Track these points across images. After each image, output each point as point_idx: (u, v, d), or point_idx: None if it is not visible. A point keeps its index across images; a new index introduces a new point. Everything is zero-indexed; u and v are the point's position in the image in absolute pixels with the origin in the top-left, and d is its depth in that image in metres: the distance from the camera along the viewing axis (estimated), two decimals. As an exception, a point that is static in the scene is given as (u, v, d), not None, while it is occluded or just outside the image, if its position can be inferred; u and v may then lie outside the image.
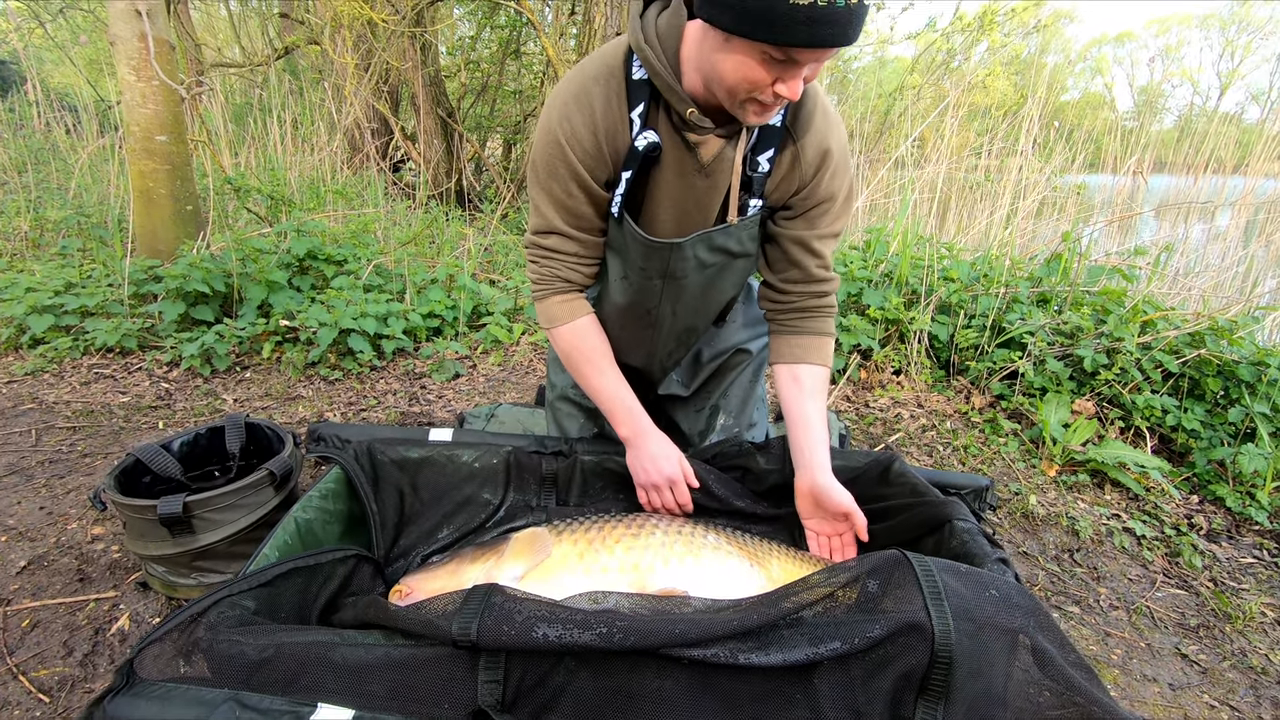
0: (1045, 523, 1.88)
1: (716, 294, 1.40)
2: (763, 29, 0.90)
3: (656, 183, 1.22)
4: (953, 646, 0.91)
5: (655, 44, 1.09)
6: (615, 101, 1.15)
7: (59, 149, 5.97)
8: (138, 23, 2.98)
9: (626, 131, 1.16)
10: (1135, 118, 14.49)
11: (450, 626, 0.88)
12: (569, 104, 1.16)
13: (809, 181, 1.22)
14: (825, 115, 1.19)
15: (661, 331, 1.42)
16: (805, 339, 1.34)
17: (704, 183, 1.20)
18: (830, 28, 0.89)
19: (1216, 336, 2.34)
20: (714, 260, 1.29)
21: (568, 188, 1.21)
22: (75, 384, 2.46)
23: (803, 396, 1.32)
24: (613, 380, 1.37)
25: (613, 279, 1.36)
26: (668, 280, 1.30)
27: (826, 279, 1.33)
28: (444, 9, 7.86)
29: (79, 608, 1.38)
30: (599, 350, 1.37)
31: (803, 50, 0.92)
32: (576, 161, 1.18)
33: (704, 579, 1.19)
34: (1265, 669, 1.39)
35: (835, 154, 1.20)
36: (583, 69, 1.18)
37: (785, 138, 1.18)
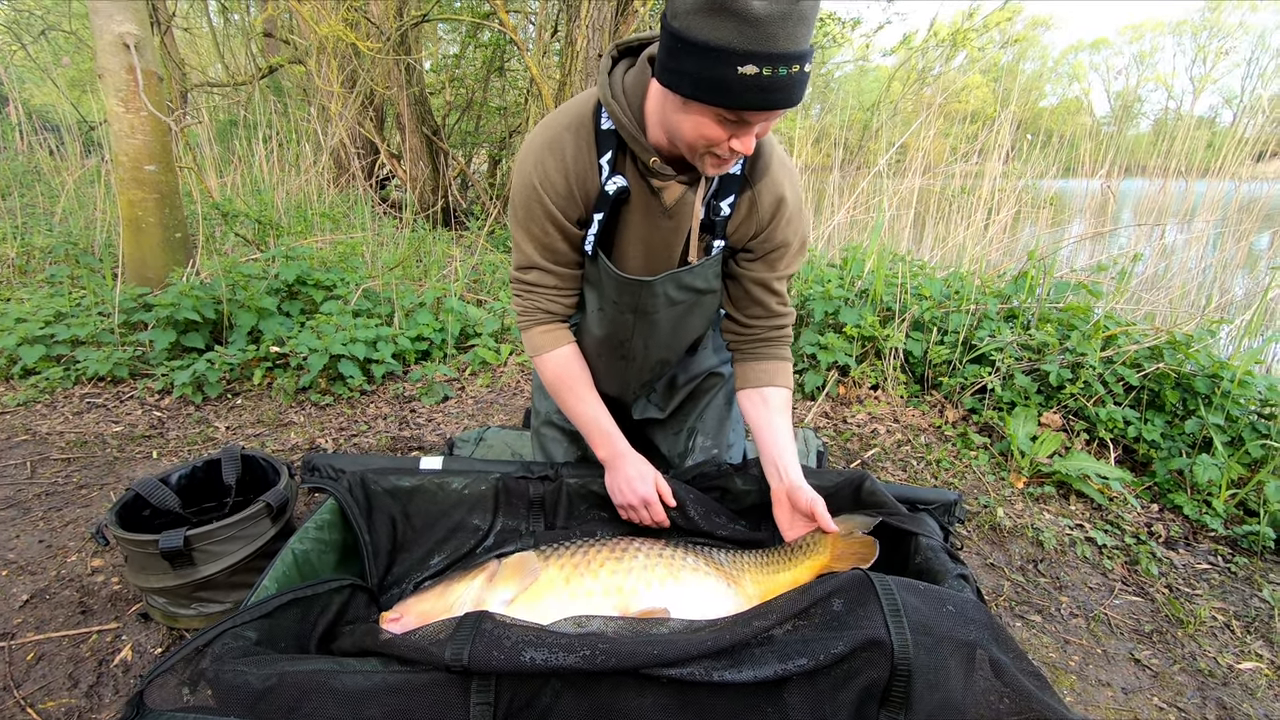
0: (1012, 534, 1.96)
1: (686, 329, 1.51)
2: (716, 96, 1.00)
3: (626, 223, 1.33)
4: (911, 660, 0.98)
5: (621, 99, 1.21)
6: (585, 149, 1.26)
7: (43, 172, 5.97)
8: (126, 55, 3.03)
9: (596, 176, 1.27)
10: (1112, 123, 14.80)
11: (443, 652, 0.94)
12: (543, 151, 1.27)
13: (766, 226, 1.33)
14: (781, 165, 1.31)
15: (634, 364, 1.52)
16: (769, 364, 1.46)
17: (668, 224, 1.31)
18: (776, 93, 0.99)
19: (1174, 350, 2.45)
20: (683, 298, 1.40)
21: (544, 227, 1.31)
22: (68, 414, 2.49)
23: (771, 414, 1.43)
24: (592, 406, 1.46)
25: (590, 311, 1.46)
26: (639, 315, 1.41)
27: (786, 313, 1.45)
28: (429, 29, 7.95)
29: (82, 640, 1.42)
30: (579, 377, 1.46)
31: (753, 113, 1.02)
32: (550, 204, 1.28)
33: (684, 599, 1.26)
34: (1212, 671, 1.48)
35: (789, 202, 1.32)
36: (555, 118, 1.28)
37: (744, 185, 1.30)
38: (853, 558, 1.27)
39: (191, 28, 9.90)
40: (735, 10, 0.92)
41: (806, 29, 0.97)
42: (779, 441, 1.40)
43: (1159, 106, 35.29)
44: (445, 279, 4.03)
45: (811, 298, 2.98)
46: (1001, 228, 4.08)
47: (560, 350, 1.44)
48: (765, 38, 0.93)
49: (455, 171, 7.04)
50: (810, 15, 0.96)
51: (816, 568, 1.30)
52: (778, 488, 1.39)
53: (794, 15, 0.93)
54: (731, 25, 0.94)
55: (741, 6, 0.92)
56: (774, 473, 1.40)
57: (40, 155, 6.18)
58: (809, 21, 0.96)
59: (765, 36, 0.93)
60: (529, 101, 7.02)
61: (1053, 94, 38.08)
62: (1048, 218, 4.90)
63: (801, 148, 5.28)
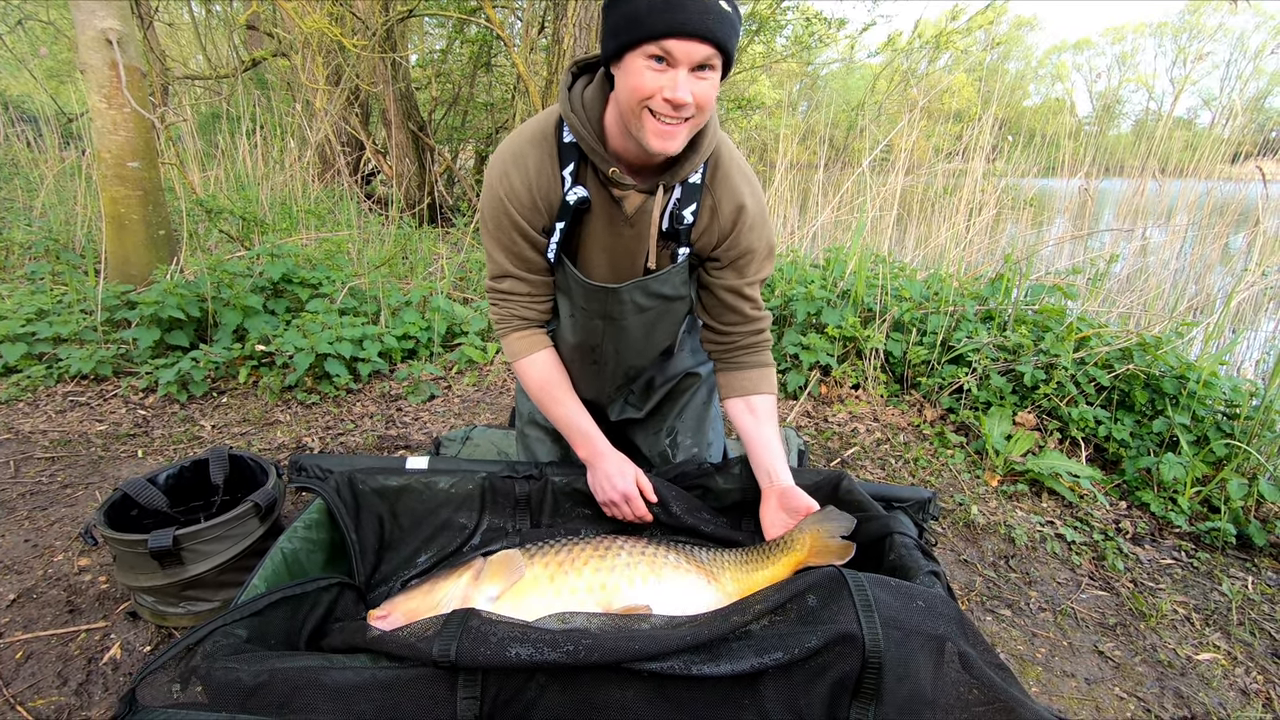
0: (985, 531, 2.02)
1: (656, 335, 1.55)
2: (634, 30, 1.08)
3: (589, 231, 1.38)
4: (882, 653, 1.03)
5: (580, 112, 1.27)
6: (548, 161, 1.32)
7: (20, 165, 5.89)
8: (109, 51, 3.01)
9: (559, 187, 1.33)
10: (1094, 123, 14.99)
11: (431, 649, 0.97)
12: (508, 163, 1.32)
13: (729, 233, 1.38)
14: (741, 174, 1.36)
15: (606, 369, 1.58)
16: (752, 372, 1.50)
17: (630, 231, 1.37)
18: (684, 11, 1.06)
19: (1144, 352, 2.52)
20: (651, 304, 1.45)
21: (511, 236, 1.37)
22: (51, 413, 2.49)
23: (759, 423, 1.48)
24: (570, 407, 1.51)
25: (563, 318, 1.52)
26: (608, 321, 1.46)
27: (761, 317, 1.49)
28: (415, 23, 7.90)
29: (70, 638, 1.44)
30: (557, 381, 1.51)
31: (671, 40, 1.08)
32: (515, 214, 1.34)
33: (666, 596, 1.30)
34: (1171, 662, 1.54)
35: (749, 209, 1.36)
36: (520, 133, 1.34)
37: (704, 193, 1.35)
38: (830, 556, 1.32)
39: (173, 19, 9.76)
40: None
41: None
42: (769, 448, 1.46)
43: (1140, 107, 35.80)
44: (431, 276, 4.04)
45: (794, 298, 3.03)
46: (983, 229, 4.15)
47: (537, 355, 1.49)
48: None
49: (442, 167, 7.02)
50: None
51: (794, 564, 1.34)
52: (768, 490, 1.45)
53: None
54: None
55: None
56: (765, 478, 1.46)
57: (18, 147, 6.09)
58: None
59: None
60: (516, 98, 7.02)
61: (1036, 93, 38.48)
62: (1028, 218, 4.99)
63: (788, 145, 5.32)
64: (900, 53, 8.94)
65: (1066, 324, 2.72)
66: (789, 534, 1.38)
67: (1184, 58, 43.58)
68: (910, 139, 4.24)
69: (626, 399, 1.73)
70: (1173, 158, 5.03)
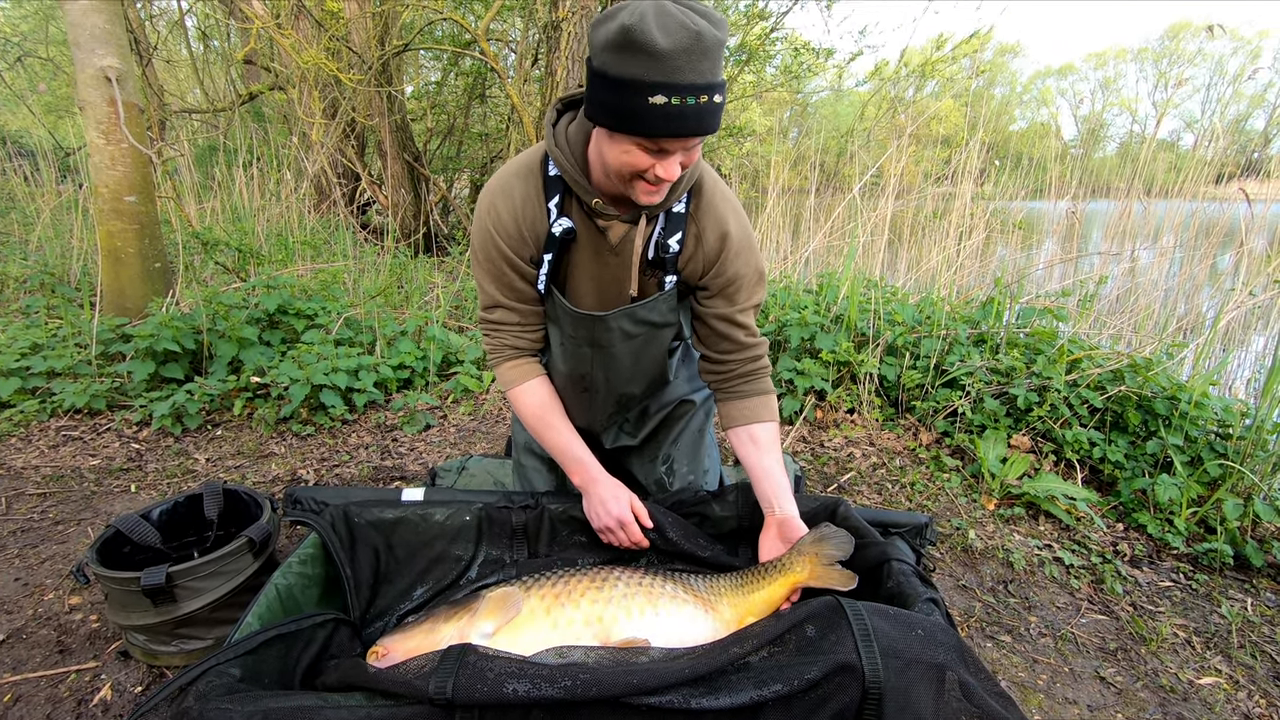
0: (983, 556, 2.02)
1: (645, 362, 1.57)
2: (633, 125, 1.10)
3: (576, 261, 1.42)
4: (882, 683, 1.02)
5: (565, 147, 1.30)
6: (534, 194, 1.35)
7: (17, 199, 5.92)
8: (107, 88, 3.05)
9: (545, 219, 1.36)
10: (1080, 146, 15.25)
11: (427, 686, 0.96)
12: (496, 197, 1.37)
13: (714, 260, 1.40)
14: (724, 201, 1.39)
15: (598, 396, 1.59)
16: (752, 400, 1.50)
17: (615, 260, 1.40)
18: (687, 121, 1.09)
19: (1135, 373, 2.54)
20: (638, 331, 1.47)
21: (500, 267, 1.41)
22: (43, 448, 2.47)
23: (760, 453, 1.49)
24: (564, 434, 1.52)
25: (554, 346, 1.54)
26: (596, 349, 1.48)
27: (756, 344, 1.50)
28: (410, 56, 8.04)
29: (60, 679, 1.42)
30: (550, 408, 1.52)
31: (669, 140, 1.11)
32: (504, 245, 1.37)
33: (663, 627, 1.29)
34: (1174, 687, 1.53)
35: (734, 236, 1.39)
36: (507, 169, 1.39)
37: (689, 221, 1.38)
38: (830, 582, 1.31)
39: (170, 55, 9.90)
40: (642, 47, 1.02)
41: (711, 62, 1.06)
42: (769, 477, 1.46)
43: (1124, 130, 36.47)
44: (427, 306, 4.05)
45: (788, 324, 3.05)
46: (973, 252, 4.20)
47: (529, 383, 1.51)
48: (671, 70, 1.04)
49: (437, 197, 7.08)
50: (714, 49, 1.06)
51: (790, 585, 1.33)
52: (769, 519, 1.46)
53: (697, 49, 1.04)
54: (640, 60, 1.03)
55: (647, 43, 1.02)
56: (767, 507, 1.47)
57: (15, 182, 6.13)
58: (713, 55, 1.06)
59: (671, 69, 1.04)
60: (509, 128, 7.11)
61: (1022, 118, 39.16)
62: (1018, 241, 5.05)
63: (779, 172, 5.40)
64: (888, 81, 9.12)
65: (1058, 346, 2.74)
66: (785, 555, 1.38)
67: (1165, 82, 44.55)
68: (899, 164, 4.31)
69: (621, 426, 1.74)
70: (1158, 179, 5.10)
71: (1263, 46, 39.41)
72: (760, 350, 1.52)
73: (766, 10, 8.34)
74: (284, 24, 5.65)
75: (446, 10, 5.59)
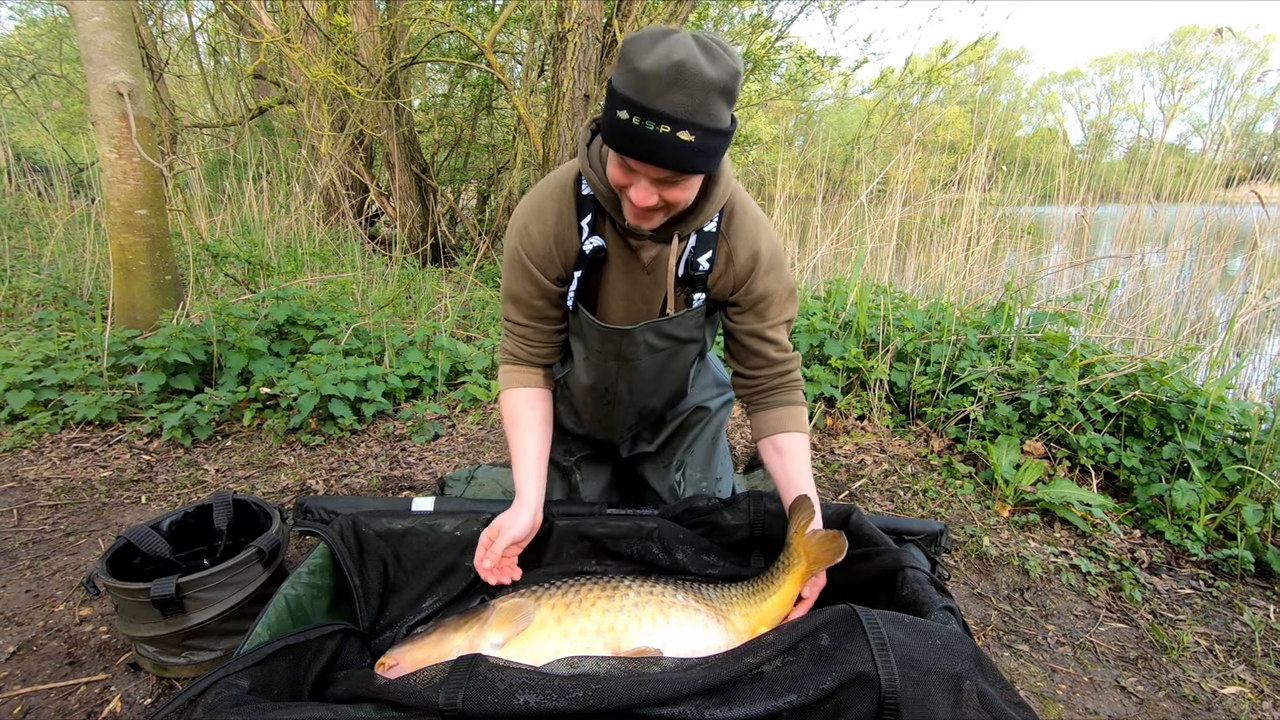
0: (998, 563, 1.99)
1: (668, 376, 1.57)
2: (605, 131, 1.14)
3: (608, 279, 1.42)
4: (899, 693, 1.00)
5: (598, 166, 1.30)
6: (567, 212, 1.36)
7: (31, 214, 5.99)
8: (119, 103, 3.09)
9: (576, 237, 1.37)
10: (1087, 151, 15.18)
11: (437, 697, 0.95)
12: (529, 215, 1.38)
13: (744, 279, 1.40)
14: (755, 222, 1.39)
15: (620, 409, 1.60)
16: (779, 411, 1.51)
17: (647, 279, 1.41)
18: (642, 144, 1.08)
19: (1149, 377, 2.51)
20: (663, 345, 1.47)
21: (523, 285, 1.43)
22: (55, 459, 2.48)
23: (783, 460, 1.48)
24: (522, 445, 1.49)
25: (577, 361, 1.54)
26: (621, 362, 1.48)
27: (787, 359, 1.49)
28: (417, 69, 8.11)
29: (70, 691, 1.41)
30: (521, 418, 1.51)
31: (633, 160, 1.12)
32: (529, 263, 1.39)
33: (675, 637, 1.28)
34: (1196, 697, 1.50)
35: (764, 255, 1.38)
36: (543, 186, 1.40)
37: (720, 240, 1.38)
38: (827, 554, 1.29)
39: (182, 70, 10.03)
40: (630, 61, 1.04)
41: (685, 96, 1.03)
42: (792, 484, 1.46)
43: (1131, 135, 36.34)
44: (435, 316, 4.06)
45: (797, 330, 3.03)
46: (982, 257, 4.17)
47: (514, 390, 1.52)
48: (640, 89, 1.04)
49: (444, 208, 7.12)
50: (692, 84, 1.02)
51: (800, 577, 1.32)
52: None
53: (674, 79, 1.02)
54: (625, 73, 1.06)
55: (632, 59, 1.04)
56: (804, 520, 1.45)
57: (29, 197, 6.21)
58: (689, 89, 1.03)
59: (641, 89, 1.04)
60: (516, 139, 7.14)
61: (1028, 124, 39.14)
62: (1027, 246, 5.01)
63: (785, 179, 5.40)
64: (893, 88, 9.13)
65: (1070, 351, 2.71)
66: (781, 555, 1.37)
67: (1172, 86, 44.43)
68: (906, 171, 4.30)
69: (638, 436, 1.75)
70: (1167, 183, 5.07)
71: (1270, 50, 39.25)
72: (791, 365, 1.51)
73: (771, 20, 8.37)
74: (293, 38, 5.71)
75: (453, 23, 5.64)
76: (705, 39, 1.06)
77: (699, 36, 1.06)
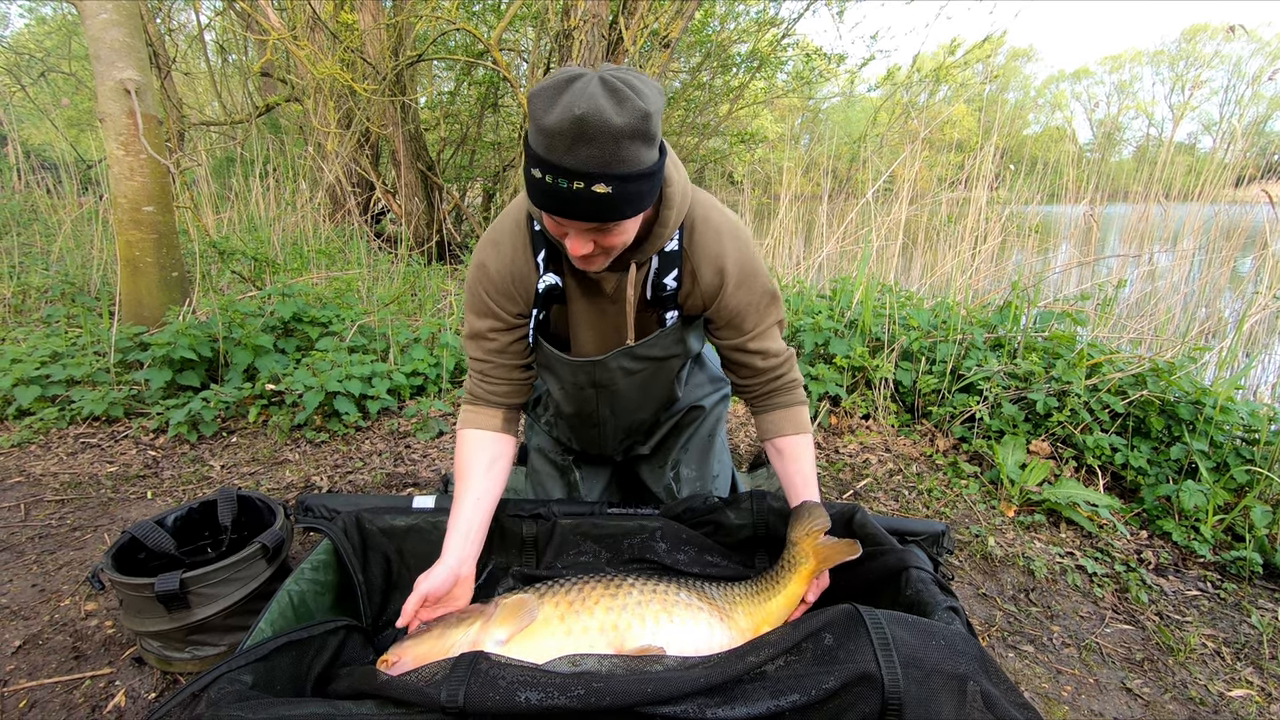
0: (1003, 563, 1.98)
1: (653, 391, 1.57)
2: (530, 192, 1.10)
3: (574, 311, 1.41)
4: (902, 693, 1.00)
5: None
6: (522, 249, 1.33)
7: (39, 211, 6.02)
8: (126, 100, 3.10)
9: (534, 274, 1.34)
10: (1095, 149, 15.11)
11: (439, 694, 0.95)
12: (487, 251, 1.36)
13: (714, 297, 1.37)
14: (718, 235, 1.32)
15: (606, 429, 1.61)
16: (776, 414, 1.51)
17: (614, 307, 1.39)
18: (560, 202, 1.05)
19: (1157, 377, 2.50)
20: (640, 367, 1.46)
21: (485, 321, 1.40)
22: (62, 455, 2.50)
23: (785, 463, 1.50)
24: (459, 494, 1.41)
25: (553, 390, 1.55)
26: (599, 389, 1.49)
27: (777, 365, 1.47)
28: (423, 67, 8.12)
29: (75, 686, 1.42)
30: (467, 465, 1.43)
31: (558, 216, 1.08)
32: (489, 301, 1.37)
33: (678, 635, 1.27)
34: (1203, 699, 1.49)
35: (731, 270, 1.34)
36: (499, 222, 1.37)
37: (683, 259, 1.34)
38: (838, 555, 1.29)
39: (189, 68, 10.07)
40: (537, 119, 1.00)
41: (593, 150, 0.99)
42: (793, 485, 1.48)
43: (1140, 133, 36.08)
44: (440, 313, 4.07)
45: (802, 329, 3.03)
46: (988, 256, 4.15)
47: (465, 432, 1.45)
48: (548, 148, 1.00)
49: (450, 206, 7.13)
50: (598, 137, 0.97)
51: (806, 577, 1.32)
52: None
53: (578, 135, 0.97)
54: (534, 130, 1.02)
55: (540, 116, 0.99)
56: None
57: (38, 194, 6.24)
58: (596, 143, 0.98)
59: (551, 147, 1.00)
60: (521, 137, 7.15)
61: (1036, 122, 38.92)
62: (1034, 245, 4.99)
63: (791, 178, 5.38)
64: (900, 86, 9.09)
65: (1077, 350, 2.70)
66: (785, 553, 1.36)
67: (1182, 84, 44.11)
68: (913, 169, 4.28)
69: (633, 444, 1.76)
70: (1176, 182, 5.03)
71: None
72: (783, 369, 1.49)
73: (778, 17, 8.35)
74: (300, 36, 5.72)
75: (459, 21, 5.64)
76: (612, 81, 0.99)
77: (606, 79, 0.99)
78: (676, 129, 8.56)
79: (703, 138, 8.84)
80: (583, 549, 1.57)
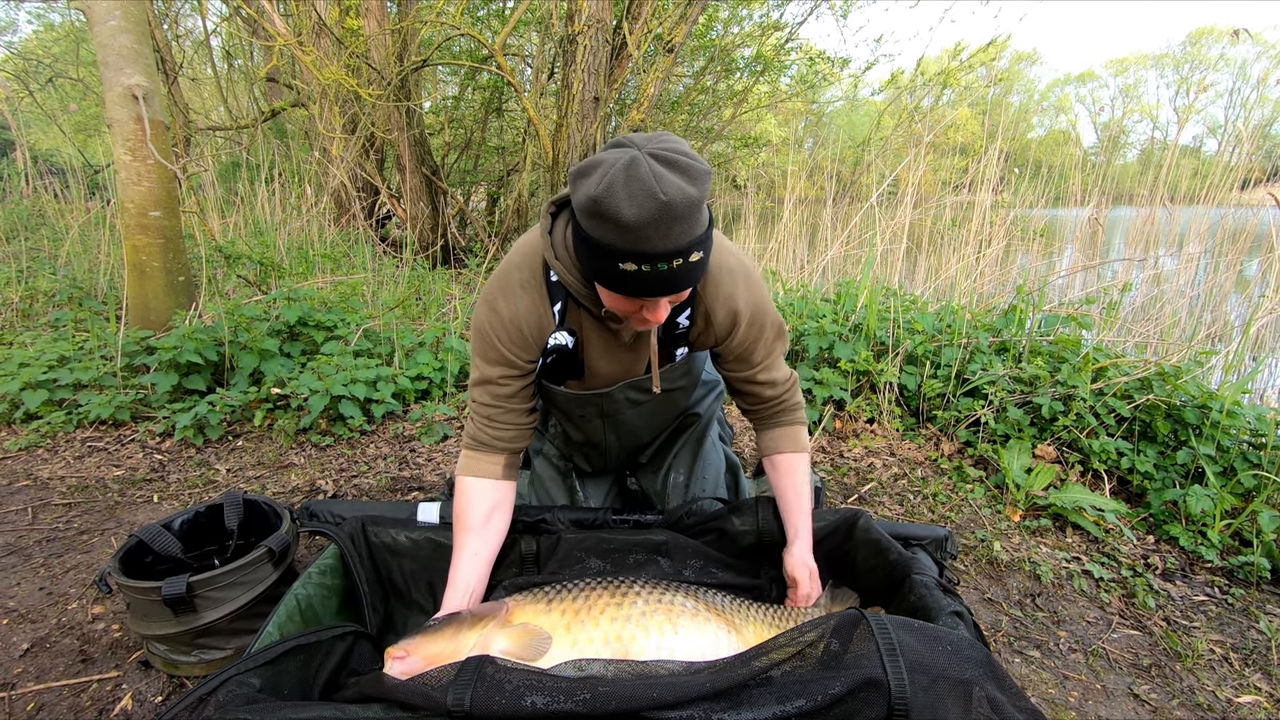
0: (1009, 568, 1.97)
1: (659, 420, 1.62)
2: (608, 283, 1.11)
3: (590, 357, 1.43)
4: (908, 699, 1.00)
5: (565, 257, 1.26)
6: (538, 299, 1.32)
7: (47, 216, 6.06)
8: (134, 106, 3.12)
9: (551, 324, 1.34)
10: (1100, 153, 15.06)
11: (445, 698, 0.95)
12: (498, 300, 1.32)
13: (725, 337, 1.39)
14: (732, 277, 1.33)
15: (611, 453, 1.67)
16: (776, 432, 1.54)
17: (629, 354, 1.43)
18: (659, 284, 1.07)
19: (1163, 381, 2.49)
20: (646, 399, 1.50)
21: (495, 369, 1.37)
22: (69, 458, 2.51)
23: (779, 475, 1.53)
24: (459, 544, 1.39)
25: (561, 423, 1.61)
26: (606, 419, 1.53)
27: (781, 392, 1.51)
28: (428, 72, 8.15)
29: (82, 689, 1.42)
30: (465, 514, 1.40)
31: (645, 299, 1.12)
32: (502, 348, 1.34)
33: (683, 647, 1.27)
34: (1211, 705, 1.48)
35: (743, 311, 1.35)
36: (509, 269, 1.33)
37: (697, 300, 1.35)
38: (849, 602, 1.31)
39: (196, 74, 10.13)
40: (610, 218, 1.00)
41: (684, 226, 1.01)
42: (785, 499, 1.51)
43: (1145, 137, 35.98)
44: (445, 317, 4.08)
45: (806, 333, 3.02)
46: (993, 260, 4.14)
47: (465, 479, 1.42)
48: (639, 240, 1.01)
49: (454, 210, 7.15)
50: (687, 213, 1.00)
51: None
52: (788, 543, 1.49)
53: (665, 219, 0.99)
54: (610, 229, 1.01)
55: (614, 214, 0.99)
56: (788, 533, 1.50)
57: (45, 199, 6.28)
58: (685, 219, 1.01)
59: (639, 239, 1.01)
60: (526, 141, 7.17)
61: (1040, 126, 38.87)
62: (1039, 249, 4.98)
63: (795, 182, 5.38)
64: (904, 90, 9.08)
65: (1083, 354, 2.69)
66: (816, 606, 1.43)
67: (1187, 88, 44.01)
68: (917, 173, 4.28)
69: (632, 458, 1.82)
70: (1181, 186, 5.01)
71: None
72: (787, 395, 1.52)
73: (781, 21, 8.36)
74: (305, 41, 5.75)
75: (464, 26, 5.66)
76: (667, 154, 1.01)
77: (662, 156, 1.01)
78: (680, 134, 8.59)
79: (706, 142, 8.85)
80: (588, 565, 1.57)
